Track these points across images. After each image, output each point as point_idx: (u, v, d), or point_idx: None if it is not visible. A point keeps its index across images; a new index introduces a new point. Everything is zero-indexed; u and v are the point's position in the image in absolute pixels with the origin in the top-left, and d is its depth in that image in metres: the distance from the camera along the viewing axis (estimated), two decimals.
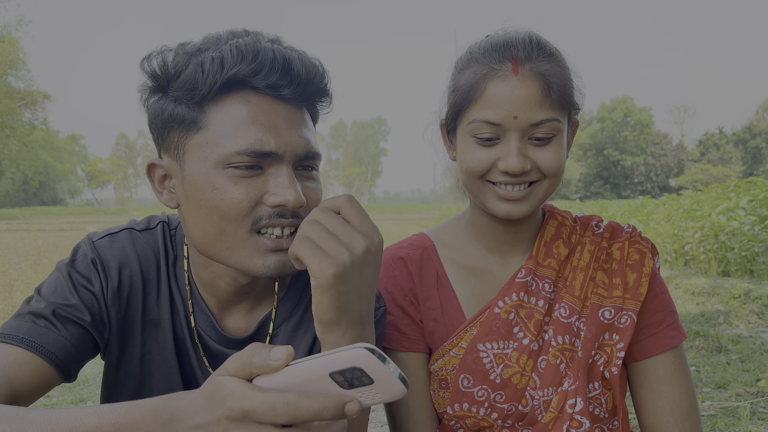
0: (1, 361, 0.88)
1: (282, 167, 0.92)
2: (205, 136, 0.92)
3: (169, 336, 1.05)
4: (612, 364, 1.19)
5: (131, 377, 1.06)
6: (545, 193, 1.16)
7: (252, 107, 0.91)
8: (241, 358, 0.62)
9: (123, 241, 1.04)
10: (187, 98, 0.91)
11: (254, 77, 0.90)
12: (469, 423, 1.21)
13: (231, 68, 0.89)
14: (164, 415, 0.65)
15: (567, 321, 1.20)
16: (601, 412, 1.20)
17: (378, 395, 0.60)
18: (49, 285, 0.98)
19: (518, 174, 1.11)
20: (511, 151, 1.10)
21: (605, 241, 1.26)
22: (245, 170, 0.90)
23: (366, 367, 0.57)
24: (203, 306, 1.07)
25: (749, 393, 3.60)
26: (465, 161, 1.16)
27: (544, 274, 1.23)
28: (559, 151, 1.13)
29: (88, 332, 0.97)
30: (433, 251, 1.31)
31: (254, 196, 0.91)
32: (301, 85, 0.93)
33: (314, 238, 0.81)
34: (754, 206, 8.59)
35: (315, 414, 0.59)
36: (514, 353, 1.19)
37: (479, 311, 1.23)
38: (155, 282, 1.06)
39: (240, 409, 0.60)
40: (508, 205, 1.14)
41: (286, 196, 0.90)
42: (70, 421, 0.69)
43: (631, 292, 1.21)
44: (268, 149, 0.90)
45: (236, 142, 0.90)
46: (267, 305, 1.10)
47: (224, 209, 0.91)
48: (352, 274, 0.81)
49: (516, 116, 1.09)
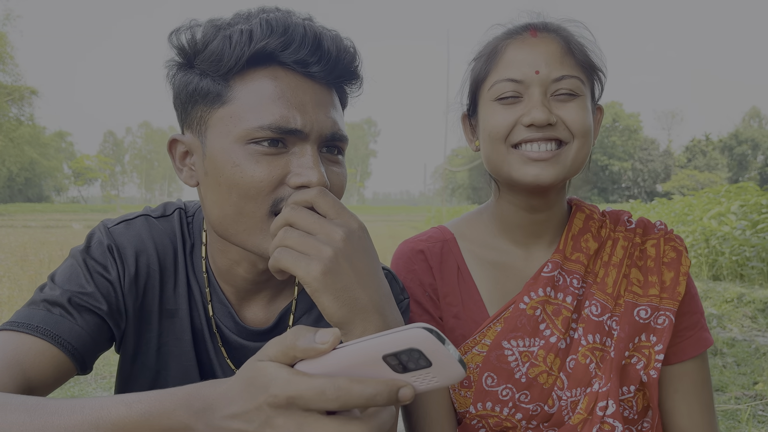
0: (16, 351, 0.82)
1: (307, 146, 0.87)
2: (229, 110, 0.87)
3: (187, 327, 1.00)
4: (651, 366, 1.14)
5: (147, 369, 1.01)
6: (574, 159, 1.10)
7: (279, 83, 0.87)
8: (283, 341, 0.58)
9: (139, 228, 1.00)
10: (213, 71, 0.87)
11: (283, 52, 0.86)
12: (491, 423, 1.16)
13: (259, 41, 0.85)
14: (197, 404, 0.61)
15: (598, 319, 1.15)
16: (630, 414, 1.15)
17: (434, 379, 0.56)
18: (63, 272, 0.93)
19: (543, 125, 1.07)
20: (535, 103, 1.08)
21: (638, 237, 1.22)
22: (268, 147, 0.86)
23: (424, 348, 0.54)
24: (222, 296, 1.02)
25: (747, 396, 3.59)
26: (488, 126, 1.12)
27: (572, 269, 1.19)
28: (584, 108, 1.10)
29: (105, 322, 0.92)
30: (453, 244, 1.26)
31: (276, 176, 0.86)
32: (330, 63, 0.89)
33: (292, 245, 0.76)
34: (744, 211, 8.65)
35: (368, 399, 0.55)
36: (541, 351, 1.14)
37: (503, 307, 1.18)
38: (172, 271, 1.01)
39: (285, 395, 0.56)
40: (536, 168, 1.08)
41: (310, 176, 0.85)
42: (96, 411, 0.63)
43: (669, 291, 1.17)
44: (293, 126, 0.86)
45: (260, 117, 0.85)
46: (287, 296, 1.05)
47: (244, 187, 0.86)
48: (342, 266, 0.76)
49: (537, 71, 1.08)
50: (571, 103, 1.09)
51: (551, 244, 1.23)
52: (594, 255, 1.21)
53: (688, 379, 1.19)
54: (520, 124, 1.09)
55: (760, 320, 5.60)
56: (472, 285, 1.22)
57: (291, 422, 0.56)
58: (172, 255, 1.01)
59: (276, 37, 0.85)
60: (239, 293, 1.02)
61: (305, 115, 0.87)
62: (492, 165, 1.15)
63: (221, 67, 0.86)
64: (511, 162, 1.11)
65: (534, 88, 1.09)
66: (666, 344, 1.14)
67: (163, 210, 1.05)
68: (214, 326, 1.02)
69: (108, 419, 0.62)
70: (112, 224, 0.99)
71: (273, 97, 0.86)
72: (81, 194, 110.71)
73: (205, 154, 0.90)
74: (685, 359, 1.19)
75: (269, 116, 0.85)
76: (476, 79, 1.16)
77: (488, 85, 1.13)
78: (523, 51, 1.10)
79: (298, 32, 0.86)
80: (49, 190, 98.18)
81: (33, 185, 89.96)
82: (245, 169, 0.85)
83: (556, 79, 1.08)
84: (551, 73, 1.08)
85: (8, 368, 0.80)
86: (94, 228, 0.99)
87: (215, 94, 0.88)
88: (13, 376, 0.80)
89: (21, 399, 0.68)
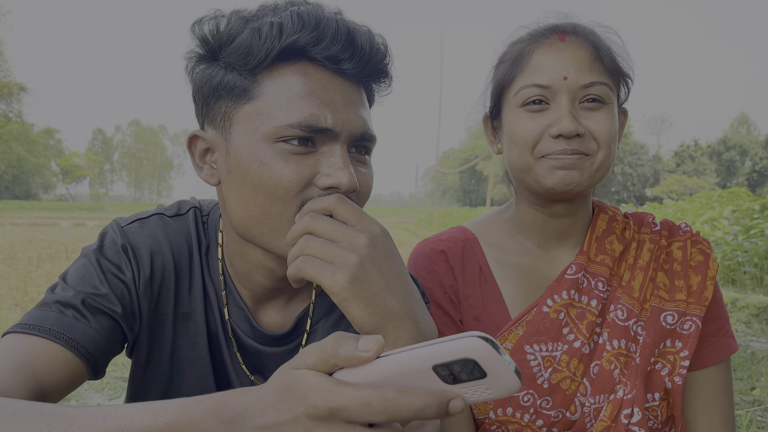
0: (28, 355, 0.78)
1: (336, 146, 0.84)
2: (256, 106, 0.83)
3: (202, 330, 0.96)
4: (676, 373, 1.11)
5: (160, 374, 0.97)
6: (599, 167, 1.08)
7: (309, 79, 0.83)
8: (324, 349, 0.55)
9: (154, 227, 0.95)
10: (240, 65, 0.83)
11: (314, 47, 0.82)
12: (512, 429, 1.13)
13: (290, 35, 0.81)
14: (227, 414, 0.57)
15: (624, 324, 1.12)
16: (655, 423, 1.12)
17: (488, 391, 0.53)
18: (75, 272, 0.88)
19: (572, 136, 1.04)
20: (564, 112, 1.04)
21: (664, 239, 1.19)
22: (297, 146, 0.82)
23: (480, 358, 0.50)
24: (238, 299, 0.98)
25: (745, 401, 3.59)
26: (515, 134, 1.09)
27: (596, 272, 1.16)
28: (611, 118, 1.07)
29: (119, 325, 0.88)
30: (475, 244, 1.22)
31: (305, 176, 0.82)
32: (363, 60, 0.85)
33: (316, 254, 0.73)
34: (737, 216, 8.69)
35: (417, 412, 0.51)
36: (564, 356, 1.11)
37: (526, 310, 1.15)
38: (188, 272, 0.97)
39: (327, 406, 0.52)
40: (563, 172, 1.06)
41: (340, 177, 0.81)
42: (119, 420, 0.59)
43: (696, 296, 1.14)
44: (323, 125, 0.82)
45: (290, 114, 0.81)
46: (304, 300, 1.01)
47: (272, 187, 0.82)
48: (369, 272, 0.73)
49: (566, 77, 1.05)
50: (599, 112, 1.07)
51: (575, 246, 1.19)
52: (619, 257, 1.17)
53: (710, 386, 1.15)
54: (547, 134, 1.06)
55: (755, 325, 5.62)
56: (495, 286, 1.19)
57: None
58: (188, 256, 0.97)
59: (308, 32, 0.81)
60: (256, 297, 0.98)
61: (336, 114, 0.83)
62: (517, 171, 1.12)
63: (249, 61, 0.82)
64: (538, 170, 1.08)
65: (562, 95, 1.06)
66: (692, 350, 1.11)
67: (177, 209, 1.01)
68: (230, 330, 0.98)
69: (132, 429, 0.59)
70: (125, 223, 0.95)
71: (303, 94, 0.82)
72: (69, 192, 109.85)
73: (229, 151, 0.86)
74: (708, 365, 1.15)
75: (299, 114, 0.81)
76: (501, 82, 1.13)
77: (514, 89, 1.10)
78: (550, 56, 1.07)
79: (330, 27, 0.82)
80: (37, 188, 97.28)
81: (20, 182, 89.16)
82: (273, 168, 0.82)
83: (584, 86, 1.05)
84: (580, 80, 1.05)
85: (20, 372, 0.76)
86: (106, 226, 0.95)
87: (242, 89, 0.84)
88: (25, 380, 0.75)
89: (37, 407, 0.64)
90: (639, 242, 1.19)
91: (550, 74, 1.06)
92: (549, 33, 1.10)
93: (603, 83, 1.06)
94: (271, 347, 0.99)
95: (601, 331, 1.13)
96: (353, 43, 0.84)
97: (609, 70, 1.08)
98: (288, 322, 1.00)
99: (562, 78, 1.05)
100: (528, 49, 1.09)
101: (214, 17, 0.86)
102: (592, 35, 1.10)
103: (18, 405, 0.64)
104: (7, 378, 0.74)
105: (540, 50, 1.08)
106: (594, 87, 1.05)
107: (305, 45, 0.82)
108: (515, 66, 1.10)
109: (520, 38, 1.14)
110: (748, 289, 7.32)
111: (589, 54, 1.07)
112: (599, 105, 1.06)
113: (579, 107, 1.07)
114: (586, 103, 1.06)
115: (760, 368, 4.26)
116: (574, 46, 1.07)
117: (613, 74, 1.09)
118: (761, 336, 5.30)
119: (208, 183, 0.90)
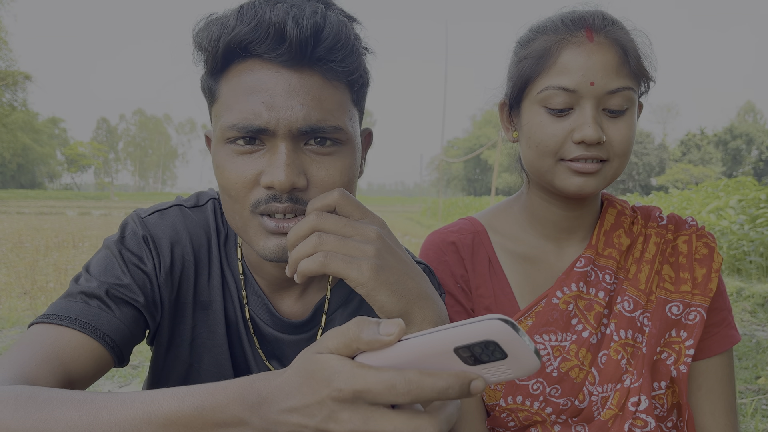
0: (55, 345, 0.80)
1: (277, 143, 0.81)
2: (216, 108, 0.86)
3: (221, 319, 0.98)
4: (681, 361, 1.13)
5: (180, 362, 1.00)
6: (614, 174, 1.10)
7: (253, 76, 0.81)
8: (346, 333, 0.56)
9: (174, 218, 0.97)
10: (207, 68, 0.86)
11: (252, 42, 0.80)
12: (521, 416, 1.15)
13: (229, 33, 0.80)
14: (252, 398, 0.59)
15: (630, 315, 1.14)
16: (661, 411, 1.14)
17: (508, 371, 0.54)
18: (98, 263, 0.91)
19: (594, 143, 1.04)
20: (587, 119, 1.04)
21: (670, 233, 1.21)
22: (243, 146, 0.82)
23: (501, 339, 0.51)
24: (257, 288, 1.00)
25: (750, 390, 3.61)
26: (536, 136, 1.09)
27: (604, 265, 1.18)
28: (631, 126, 1.07)
29: (141, 314, 0.90)
30: (484, 236, 1.24)
31: (249, 176, 0.82)
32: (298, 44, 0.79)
33: (335, 249, 0.74)
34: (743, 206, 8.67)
35: (440, 392, 0.53)
36: (573, 346, 1.13)
37: (535, 301, 1.17)
38: (206, 262, 0.99)
39: (351, 389, 0.53)
40: (581, 179, 1.07)
41: (273, 176, 0.80)
42: (147, 405, 0.61)
43: (701, 287, 1.16)
44: (258, 124, 0.80)
45: (231, 115, 0.82)
46: (321, 289, 1.04)
47: (227, 189, 0.85)
48: (389, 261, 0.75)
49: (593, 82, 1.03)
50: (620, 120, 1.06)
51: (583, 240, 1.21)
52: (626, 251, 1.19)
53: (712, 376, 1.18)
54: (569, 138, 1.06)
55: (760, 315, 5.63)
56: (503, 278, 1.21)
57: (357, 417, 0.54)
58: (206, 246, 0.99)
59: (244, 26, 0.80)
60: (271, 286, 1.00)
61: (271, 111, 0.80)
62: (534, 169, 1.13)
63: (207, 62, 0.85)
64: (557, 172, 1.09)
65: (587, 101, 1.04)
66: (697, 339, 1.14)
67: (196, 200, 1.03)
68: (249, 319, 1.00)
69: (160, 413, 0.60)
70: (145, 214, 0.97)
71: (246, 93, 0.81)
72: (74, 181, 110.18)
73: None
74: (711, 356, 1.18)
75: (237, 114, 0.81)
76: (524, 76, 1.10)
77: (538, 87, 1.08)
78: (579, 58, 1.04)
79: (264, 17, 0.79)
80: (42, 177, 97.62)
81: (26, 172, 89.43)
82: (225, 170, 0.84)
83: (611, 92, 1.04)
84: (607, 85, 1.03)
85: (48, 362, 0.78)
86: (126, 218, 0.97)
87: (210, 91, 0.88)
88: (53, 369, 0.78)
89: (68, 394, 0.66)
90: (646, 236, 1.20)
91: (577, 78, 1.03)
92: (578, 29, 1.07)
93: (629, 88, 1.05)
94: (290, 335, 1.01)
95: (608, 321, 1.15)
96: (282, 30, 0.79)
97: (635, 72, 1.06)
98: (306, 311, 1.02)
99: (589, 83, 1.03)
100: (556, 47, 1.06)
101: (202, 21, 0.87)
102: (622, 36, 1.06)
103: (48, 393, 0.66)
104: (36, 367, 0.76)
105: (568, 50, 1.05)
106: (620, 92, 1.04)
107: (243, 41, 0.80)
108: (540, 63, 1.07)
109: (546, 28, 1.11)
110: (753, 279, 7.32)
111: (617, 58, 1.04)
112: (621, 113, 1.06)
113: (602, 113, 1.06)
114: (610, 110, 1.05)
115: (765, 357, 4.27)
116: (603, 49, 1.04)
117: (638, 77, 1.07)
118: (766, 325, 5.31)
119: None
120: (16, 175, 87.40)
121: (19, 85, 50.57)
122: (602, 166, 1.08)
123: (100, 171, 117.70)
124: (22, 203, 40.73)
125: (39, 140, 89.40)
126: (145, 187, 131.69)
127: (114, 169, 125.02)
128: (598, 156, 1.06)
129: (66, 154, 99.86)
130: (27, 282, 6.99)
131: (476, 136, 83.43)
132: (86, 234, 13.74)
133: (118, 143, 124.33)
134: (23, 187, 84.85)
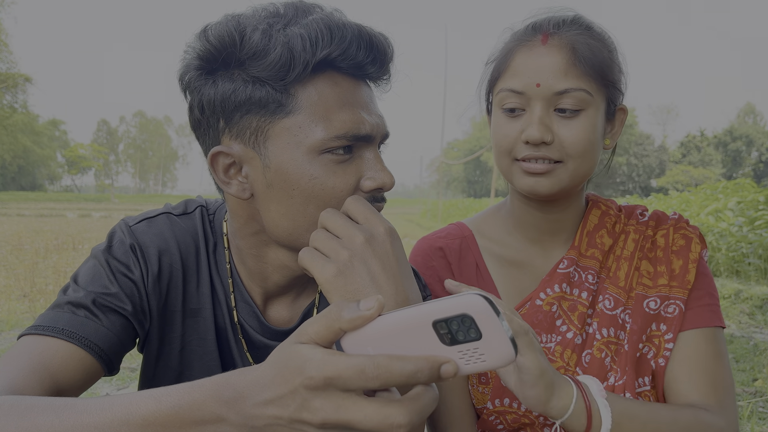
0: (42, 355, 0.81)
1: (370, 149, 0.89)
2: (296, 120, 0.85)
3: (210, 326, 0.99)
4: (660, 355, 1.13)
5: (170, 369, 1.00)
6: (572, 176, 1.09)
7: (339, 89, 0.86)
8: (327, 316, 0.57)
9: (161, 226, 0.98)
10: (274, 80, 0.83)
11: (343, 58, 0.85)
12: (509, 419, 1.16)
13: (323, 49, 0.82)
14: (227, 394, 0.59)
15: (612, 313, 1.15)
16: None
17: (481, 357, 0.54)
18: (86, 273, 0.91)
19: (537, 143, 1.06)
20: (533, 120, 1.06)
21: (650, 229, 1.21)
22: (342, 155, 0.86)
23: (477, 316, 0.52)
24: (246, 295, 1.01)
25: (747, 393, 3.61)
26: (494, 137, 1.13)
27: (587, 265, 1.19)
28: (586, 128, 1.06)
29: (130, 322, 0.91)
30: (472, 241, 1.26)
31: (353, 182, 0.88)
32: (385, 62, 0.90)
33: (317, 246, 0.80)
34: (742, 208, 8.68)
35: (408, 376, 0.53)
36: (558, 347, 1.14)
37: (520, 304, 1.18)
38: (195, 269, 0.99)
39: (322, 376, 0.54)
40: (532, 179, 1.08)
41: (384, 179, 0.89)
42: (125, 407, 0.62)
43: (678, 279, 1.15)
44: (364, 132, 0.86)
45: (333, 126, 0.85)
46: (310, 295, 1.05)
47: (324, 198, 0.86)
48: (356, 269, 0.77)
49: (539, 84, 1.05)
50: (573, 120, 1.06)
51: (567, 241, 1.22)
52: (608, 250, 1.20)
53: (691, 347, 1.12)
54: (520, 139, 1.08)
55: (758, 317, 5.63)
56: (490, 282, 1.22)
57: (329, 404, 0.54)
58: (195, 254, 1.00)
59: (337, 44, 0.83)
60: (267, 294, 1.01)
61: (371, 119, 0.88)
62: (500, 169, 1.16)
63: (284, 77, 0.83)
64: (513, 173, 1.12)
65: (535, 102, 1.06)
66: (676, 333, 1.12)
67: (184, 207, 1.03)
68: (238, 325, 1.01)
69: (138, 415, 0.61)
70: (133, 222, 0.97)
71: (338, 104, 0.86)
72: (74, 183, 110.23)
73: (268, 165, 0.87)
74: (687, 329, 1.13)
75: (341, 125, 0.85)
76: (490, 80, 1.16)
77: (497, 90, 1.12)
78: (528, 60, 1.06)
79: (353, 35, 0.84)
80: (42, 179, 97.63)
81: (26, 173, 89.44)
82: (325, 181, 0.86)
83: (558, 93, 1.05)
84: (553, 86, 1.04)
85: (35, 372, 0.79)
86: (114, 226, 0.98)
87: (277, 103, 0.84)
88: (40, 380, 0.79)
89: (49, 401, 0.67)
90: (626, 234, 1.21)
91: (525, 80, 1.06)
92: (533, 33, 1.09)
93: (580, 89, 1.05)
94: (279, 341, 1.01)
95: (592, 321, 1.16)
96: (373, 48, 0.87)
97: (589, 73, 1.06)
98: (294, 317, 1.04)
99: (535, 85, 1.05)
100: (511, 50, 1.10)
101: (226, 24, 0.84)
102: (576, 39, 1.06)
103: (30, 400, 0.67)
104: (23, 378, 0.77)
105: (520, 53, 1.08)
106: (569, 93, 1.05)
107: (336, 56, 0.84)
108: (500, 66, 1.11)
109: (511, 33, 1.15)
110: (752, 281, 7.32)
111: (565, 59, 1.05)
112: (574, 113, 1.06)
113: (554, 113, 1.07)
114: (561, 111, 1.06)
115: (762, 360, 4.28)
116: (553, 51, 1.06)
117: (595, 78, 1.07)
118: (764, 327, 5.32)
119: (238, 197, 0.91)
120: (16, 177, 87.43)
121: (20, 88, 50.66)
122: (555, 167, 1.08)
123: (101, 173, 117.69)
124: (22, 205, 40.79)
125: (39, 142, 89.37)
126: (146, 189, 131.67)
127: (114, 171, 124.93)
128: (547, 156, 1.07)
129: (66, 156, 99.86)
130: (26, 284, 7.01)
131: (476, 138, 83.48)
132: (86, 236, 13.76)
133: (118, 145, 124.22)
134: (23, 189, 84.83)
